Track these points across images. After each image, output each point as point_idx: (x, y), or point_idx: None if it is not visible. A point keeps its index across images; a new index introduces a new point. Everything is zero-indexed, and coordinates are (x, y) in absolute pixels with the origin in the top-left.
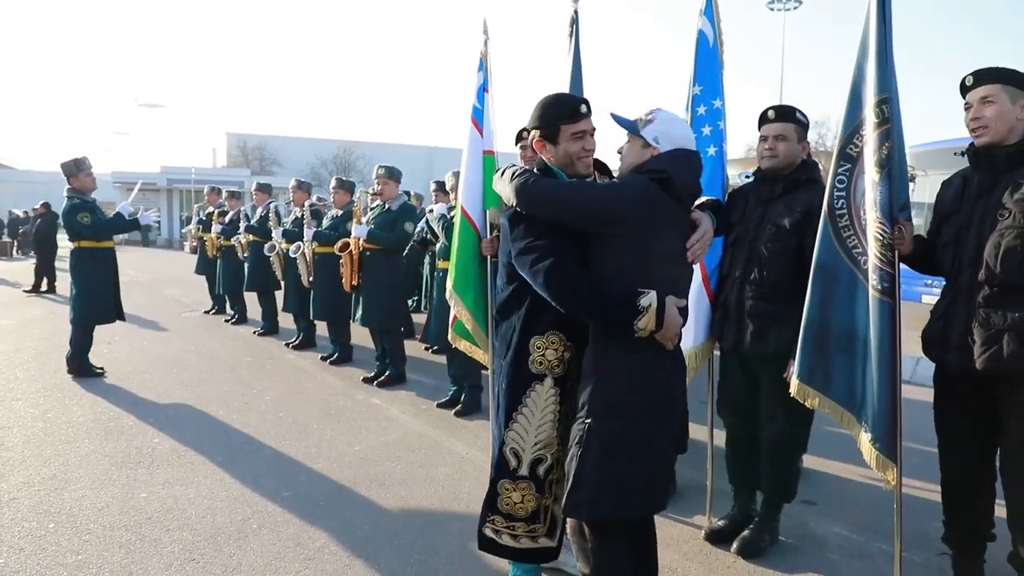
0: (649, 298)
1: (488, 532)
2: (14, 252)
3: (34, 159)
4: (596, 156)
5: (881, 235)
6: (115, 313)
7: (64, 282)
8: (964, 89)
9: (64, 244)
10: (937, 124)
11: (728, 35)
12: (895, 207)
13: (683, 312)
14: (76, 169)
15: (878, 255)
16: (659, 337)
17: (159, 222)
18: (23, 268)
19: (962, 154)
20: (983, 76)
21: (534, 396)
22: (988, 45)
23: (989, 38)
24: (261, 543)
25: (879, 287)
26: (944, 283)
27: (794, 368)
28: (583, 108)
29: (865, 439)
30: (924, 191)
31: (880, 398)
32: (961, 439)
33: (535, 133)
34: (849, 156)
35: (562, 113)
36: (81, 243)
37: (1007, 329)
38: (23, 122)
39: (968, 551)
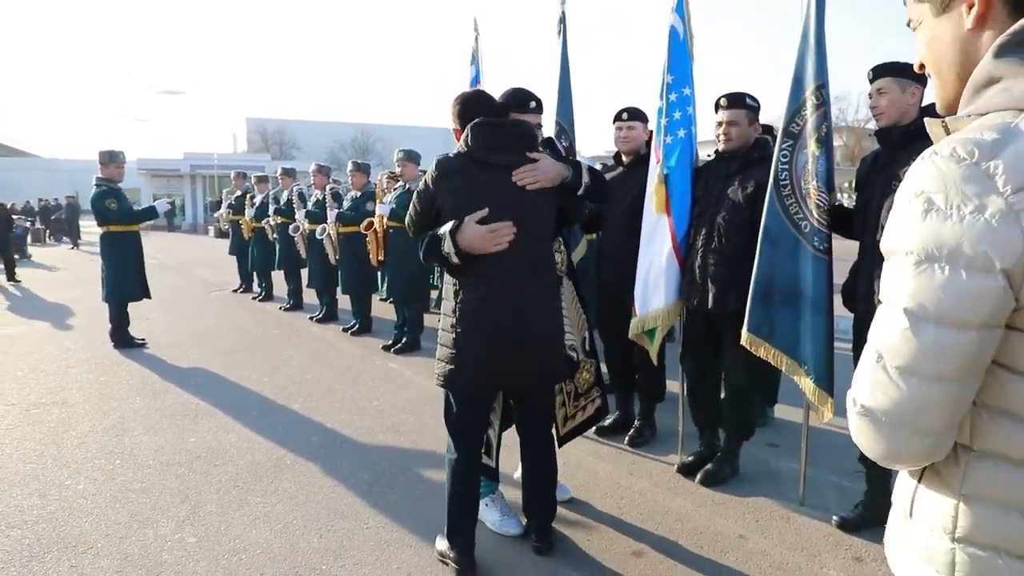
0: (444, 228)
1: None
2: (47, 238)
3: (58, 148)
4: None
5: (821, 201)
6: (141, 292)
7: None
8: None
9: (90, 229)
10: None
11: (747, 13)
12: (831, 178)
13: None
14: (109, 160)
15: (817, 219)
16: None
17: (172, 204)
18: (57, 254)
19: (872, 135)
20: None
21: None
22: None
23: None
24: (294, 474)
25: (819, 247)
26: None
27: (744, 321)
28: (531, 103)
29: (807, 380)
30: None
31: (817, 339)
32: None
33: None
34: (791, 133)
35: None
36: (109, 227)
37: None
38: (45, 111)
39: (876, 466)
